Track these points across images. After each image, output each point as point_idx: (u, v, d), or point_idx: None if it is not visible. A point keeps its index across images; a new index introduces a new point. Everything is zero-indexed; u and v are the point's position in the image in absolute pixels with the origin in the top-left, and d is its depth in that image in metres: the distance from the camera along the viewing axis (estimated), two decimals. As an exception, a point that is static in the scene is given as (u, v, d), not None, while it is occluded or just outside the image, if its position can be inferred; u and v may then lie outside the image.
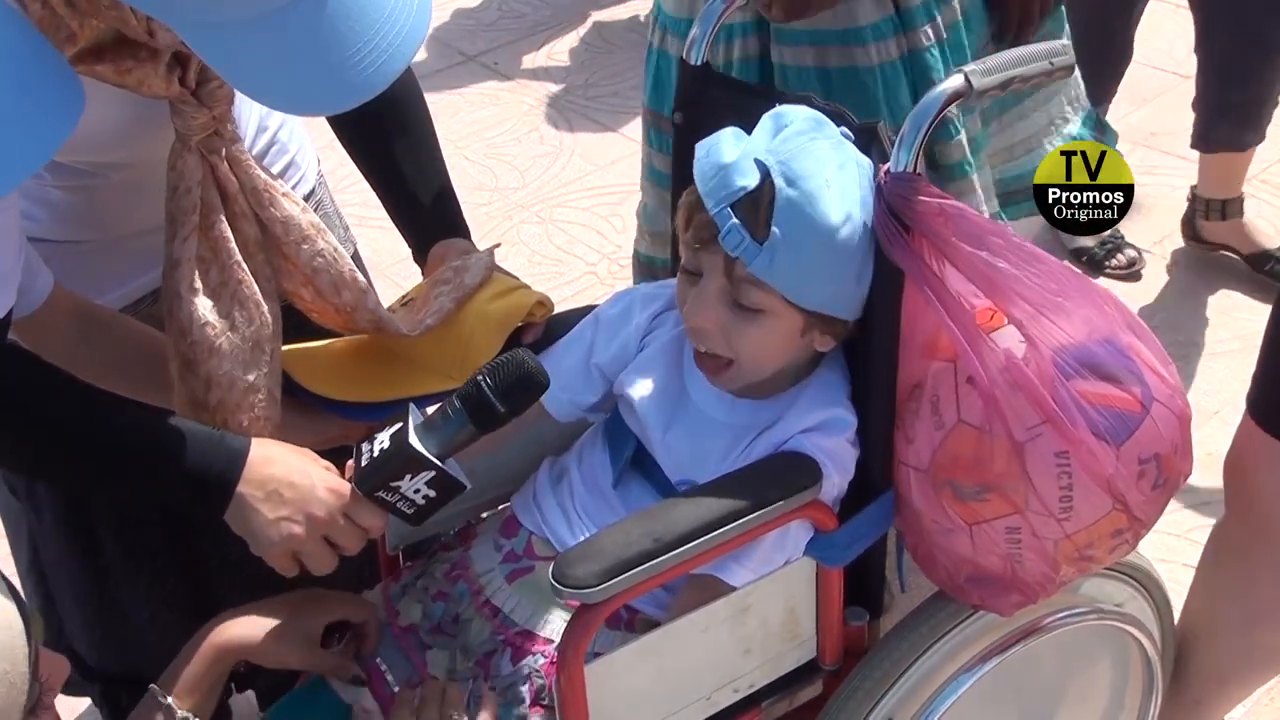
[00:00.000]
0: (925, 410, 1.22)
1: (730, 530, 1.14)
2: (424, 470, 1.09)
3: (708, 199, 1.15)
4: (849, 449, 1.24)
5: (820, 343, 1.21)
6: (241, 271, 1.15)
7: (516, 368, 1.11)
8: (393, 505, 1.11)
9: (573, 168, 3.29)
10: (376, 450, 1.11)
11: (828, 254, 1.13)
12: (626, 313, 1.33)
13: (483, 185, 3.23)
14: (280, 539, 1.10)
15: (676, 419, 1.27)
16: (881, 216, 1.16)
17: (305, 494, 1.11)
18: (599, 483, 1.29)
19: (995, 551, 1.23)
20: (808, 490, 1.19)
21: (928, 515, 1.25)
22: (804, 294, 1.16)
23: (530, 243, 3.02)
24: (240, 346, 1.14)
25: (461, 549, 1.34)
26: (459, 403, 1.10)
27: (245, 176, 1.16)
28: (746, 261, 1.13)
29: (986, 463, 1.18)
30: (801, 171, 1.12)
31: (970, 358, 1.15)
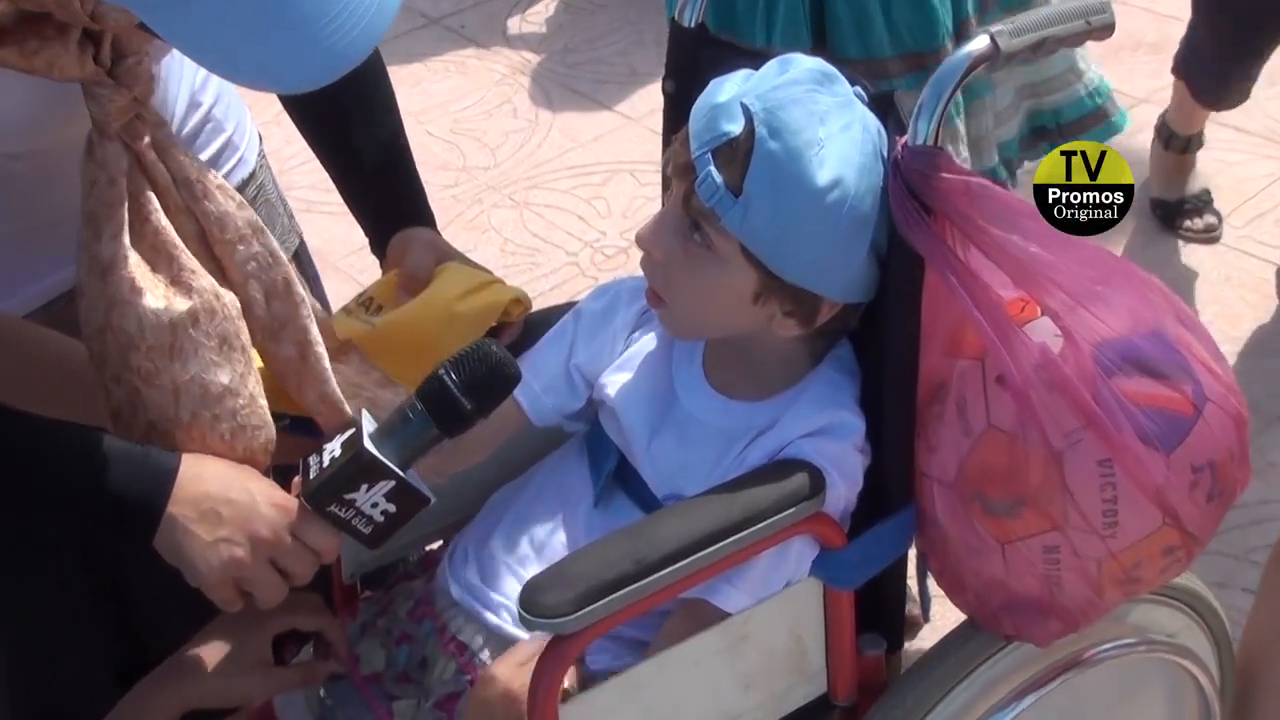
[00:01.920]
0: (950, 414, 1.23)
1: (721, 548, 1.15)
2: (382, 480, 1.09)
3: (693, 140, 1.16)
4: (856, 456, 1.24)
5: (780, 326, 1.21)
6: (191, 262, 1.15)
7: (483, 359, 1.11)
8: (347, 522, 1.11)
9: (550, 145, 3.31)
10: (326, 460, 1.11)
11: (807, 220, 1.14)
12: (610, 308, 1.35)
13: (448, 165, 3.24)
14: (220, 564, 1.10)
15: (663, 425, 1.27)
16: (899, 195, 1.16)
17: (246, 511, 1.10)
18: (576, 501, 1.30)
19: (1031, 573, 1.23)
20: (810, 501, 1.19)
21: (954, 533, 1.26)
22: (779, 259, 1.17)
23: (503, 230, 3.02)
24: (205, 344, 1.14)
25: (424, 579, 1.35)
26: (419, 402, 1.10)
27: (175, 166, 1.15)
28: (720, 214, 1.14)
29: (1020, 473, 1.18)
30: (789, 123, 1.13)
31: (1000, 354, 1.15)
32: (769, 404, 1.27)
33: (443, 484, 1.21)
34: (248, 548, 1.10)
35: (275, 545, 1.12)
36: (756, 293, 1.20)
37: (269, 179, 1.48)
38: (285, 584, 1.14)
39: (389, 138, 1.40)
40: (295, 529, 1.12)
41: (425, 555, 1.42)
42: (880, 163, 1.18)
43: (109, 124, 1.11)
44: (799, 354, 1.27)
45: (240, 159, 1.41)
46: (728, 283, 1.20)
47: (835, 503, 1.23)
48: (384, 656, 1.30)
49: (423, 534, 1.36)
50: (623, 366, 1.32)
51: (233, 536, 1.10)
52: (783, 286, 1.19)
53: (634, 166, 3.23)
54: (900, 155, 1.17)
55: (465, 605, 1.28)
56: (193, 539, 1.09)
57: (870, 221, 1.18)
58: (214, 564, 1.10)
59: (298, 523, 1.12)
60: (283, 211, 1.50)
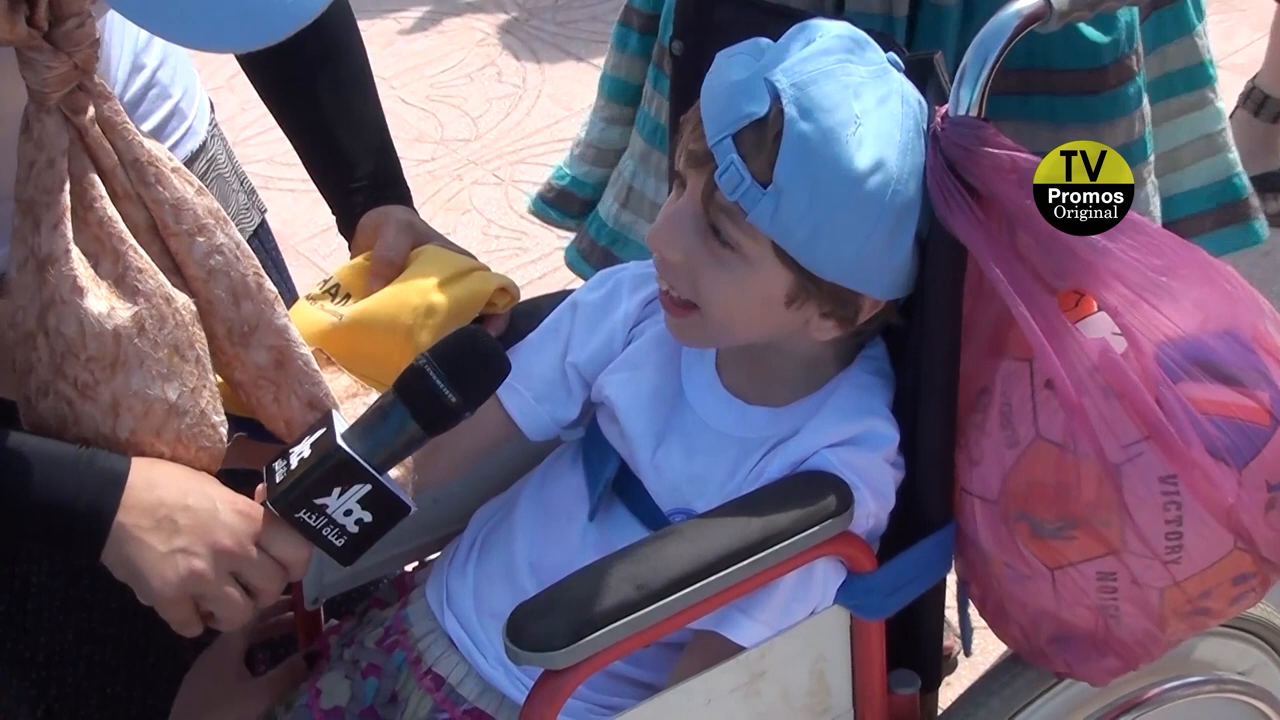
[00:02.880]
0: (993, 423, 1.21)
1: (736, 572, 1.13)
2: (356, 483, 1.08)
3: (709, 125, 1.14)
4: (888, 470, 1.23)
5: (818, 329, 1.20)
6: (140, 259, 1.12)
7: (469, 346, 1.10)
8: (318, 531, 1.10)
9: (540, 113, 3.30)
10: (294, 462, 1.10)
11: (847, 210, 1.13)
12: (610, 299, 1.33)
13: (425, 136, 3.23)
14: (177, 578, 1.08)
15: (671, 431, 1.26)
16: (938, 173, 1.15)
17: (206, 519, 1.09)
18: (570, 516, 1.29)
19: (1084, 603, 1.22)
20: (836, 519, 1.17)
21: (997, 557, 1.25)
22: (816, 258, 1.15)
23: (486, 209, 3.00)
24: (151, 355, 1.11)
25: (398, 606, 1.33)
26: (397, 396, 1.09)
27: (123, 145, 1.13)
28: (746, 209, 1.13)
29: (1072, 490, 1.17)
30: (821, 101, 1.11)
31: (1050, 355, 1.14)
32: (791, 410, 1.26)
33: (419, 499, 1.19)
34: (208, 559, 1.09)
35: (239, 557, 1.10)
36: (791, 295, 1.18)
37: (222, 151, 1.46)
38: (250, 603, 1.12)
39: (360, 101, 1.39)
40: (261, 539, 1.11)
41: (399, 578, 1.40)
42: (923, 139, 1.16)
43: (47, 95, 1.08)
44: (827, 355, 1.26)
45: (189, 129, 1.38)
46: (757, 286, 1.18)
47: (864, 522, 1.21)
48: (348, 689, 1.28)
49: (397, 553, 1.35)
50: (625, 364, 1.30)
51: (191, 547, 1.08)
52: (820, 286, 1.17)
53: None
54: (940, 127, 1.15)
55: (444, 634, 1.27)
56: (146, 551, 1.08)
57: (915, 207, 1.16)
58: (170, 578, 1.08)
59: (264, 532, 1.11)
60: (239, 188, 1.49)
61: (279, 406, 1.19)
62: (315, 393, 1.19)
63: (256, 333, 1.17)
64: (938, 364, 1.23)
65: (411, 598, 1.33)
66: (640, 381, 1.29)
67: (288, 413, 1.19)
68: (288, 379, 1.19)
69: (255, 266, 1.18)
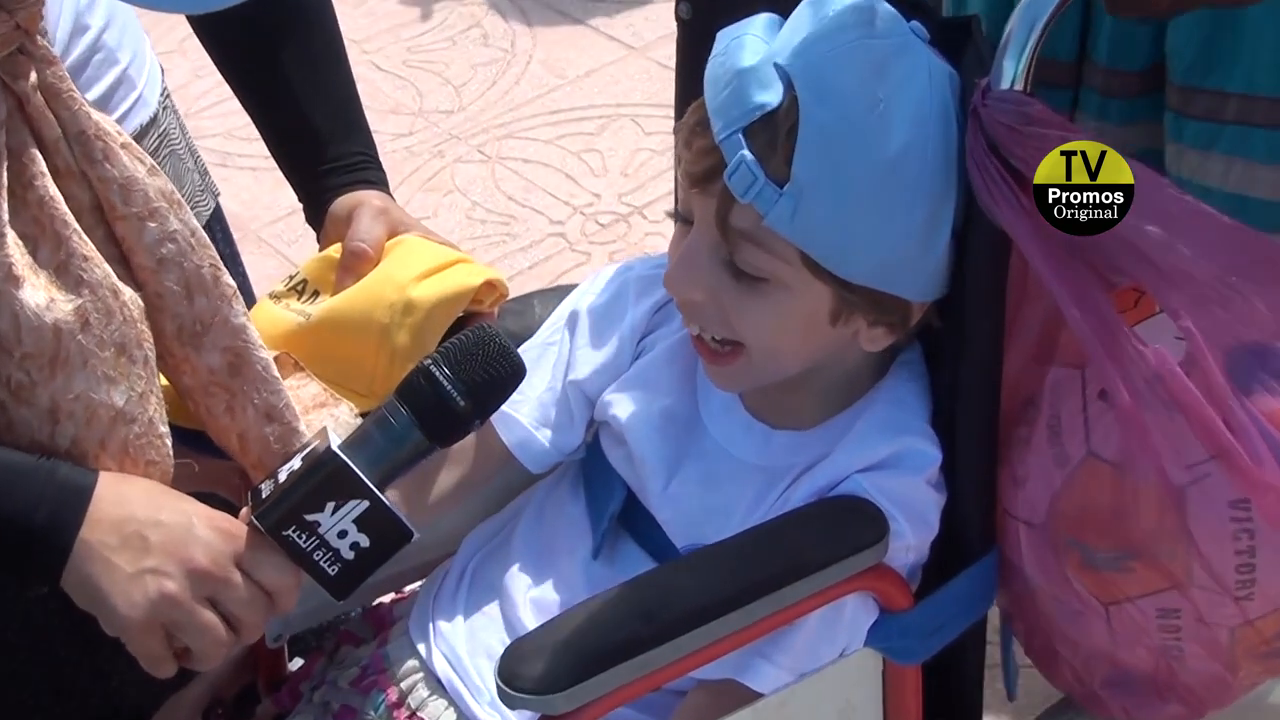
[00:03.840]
0: (1040, 438, 1.20)
1: (756, 609, 1.12)
2: (353, 498, 1.06)
3: (715, 118, 1.13)
4: (930, 494, 1.21)
5: (869, 340, 1.19)
6: (85, 246, 1.10)
7: (481, 345, 1.09)
8: (308, 554, 1.07)
9: (530, 81, 3.25)
10: (283, 476, 1.08)
11: (876, 204, 1.12)
12: (616, 303, 1.31)
13: (401, 108, 3.17)
14: (147, 602, 1.06)
15: (686, 459, 1.25)
16: (979, 155, 1.12)
17: (180, 535, 1.07)
18: (570, 550, 1.28)
19: (1144, 643, 1.21)
20: (868, 550, 1.16)
21: (1045, 589, 1.23)
22: (845, 261, 1.14)
23: (470, 190, 2.95)
24: (97, 354, 1.09)
25: (375, 643, 1.32)
26: (401, 403, 1.08)
27: (68, 115, 1.10)
28: (762, 212, 1.11)
29: (1129, 516, 1.16)
30: (839, 83, 1.10)
31: (1105, 362, 1.12)
32: (821, 431, 1.24)
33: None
34: (182, 581, 1.06)
35: (217, 579, 1.07)
36: (835, 311, 1.17)
37: (175, 124, 1.43)
38: (229, 636, 1.09)
39: (331, 73, 1.38)
40: (244, 561, 1.08)
41: (373, 610, 1.38)
42: (955, 117, 1.14)
43: None
44: (866, 368, 1.25)
45: (139, 99, 1.35)
46: (798, 310, 1.16)
47: (901, 554, 1.19)
48: (319, 733, 1.28)
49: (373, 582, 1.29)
50: (633, 382, 1.29)
51: (163, 567, 1.06)
52: (857, 294, 1.16)
53: (636, 110, 3.17)
54: (981, 103, 1.12)
55: (432, 674, 1.25)
56: (112, 571, 1.06)
57: (951, 195, 1.15)
58: (138, 601, 1.06)
59: (247, 553, 1.08)
60: (193, 166, 1.46)
61: (232, 418, 1.17)
62: (274, 402, 1.17)
63: (210, 332, 1.15)
64: (977, 372, 1.21)
65: (391, 634, 1.31)
66: (651, 402, 1.27)
67: (241, 425, 1.17)
68: (243, 386, 1.16)
69: (212, 257, 1.15)
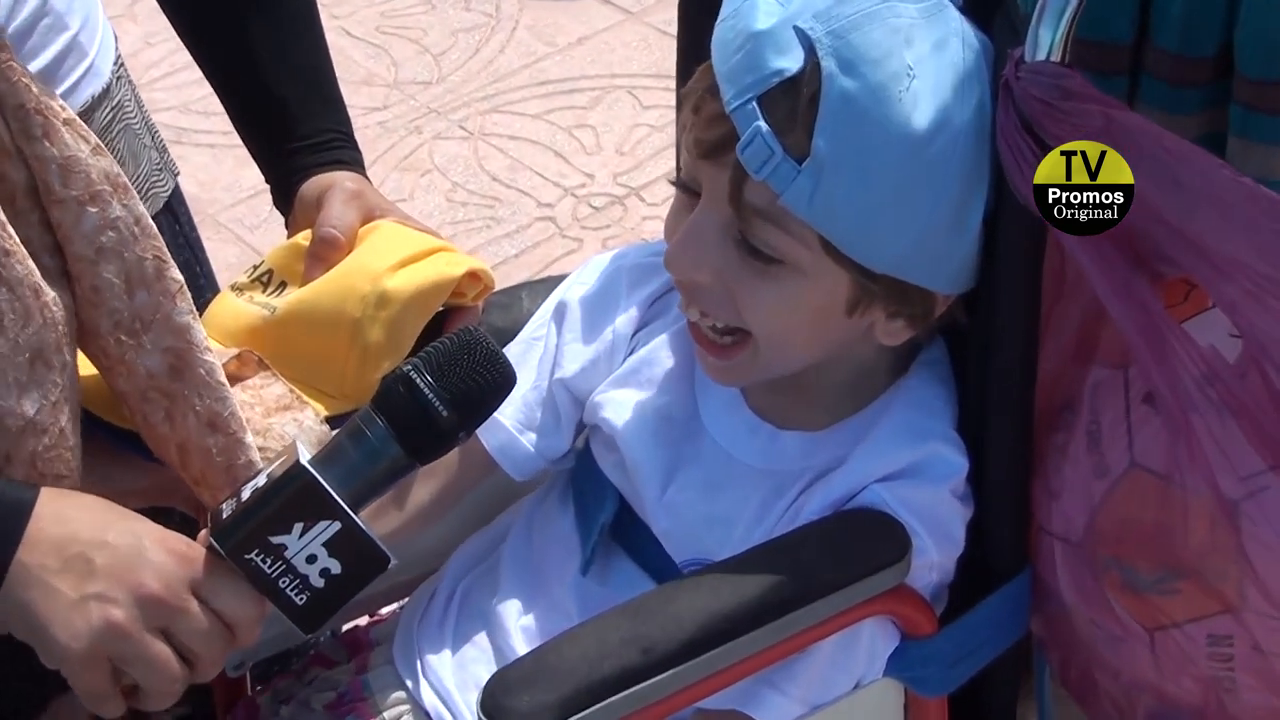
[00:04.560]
0: (1078, 447, 1.18)
1: (764, 635, 1.11)
2: (323, 519, 1.03)
3: (725, 85, 1.11)
4: (955, 507, 1.19)
5: (886, 333, 1.18)
6: (8, 240, 1.08)
7: (467, 349, 1.07)
8: (273, 581, 1.04)
9: (517, 50, 3.21)
10: (247, 494, 1.05)
11: (903, 185, 1.11)
12: (607, 294, 1.30)
13: (375, 79, 3.14)
14: (90, 631, 1.03)
15: (684, 464, 1.24)
16: (1010, 132, 1.10)
17: (128, 558, 1.04)
18: (558, 566, 1.27)
19: (1191, 673, 1.20)
20: (889, 570, 1.15)
21: (1083, 614, 1.22)
22: (867, 246, 1.12)
23: (450, 170, 2.92)
24: (9, 359, 1.07)
25: (352, 668, 1.31)
26: (378, 413, 1.05)
27: (5, 88, 1.08)
28: (778, 190, 1.09)
29: (1177, 532, 1.14)
30: (866, 50, 1.09)
31: (1150, 362, 1.11)
32: (834, 433, 1.22)
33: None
34: (129, 609, 1.03)
35: (170, 608, 1.04)
36: (852, 300, 1.15)
37: (130, 97, 1.40)
38: (183, 672, 1.06)
39: (301, 36, 1.36)
40: (200, 588, 1.05)
41: (348, 634, 1.37)
42: (989, 91, 1.12)
43: None
44: (881, 364, 1.23)
45: (90, 68, 1.32)
46: (813, 298, 1.15)
47: (924, 574, 1.18)
48: (287, 763, 1.29)
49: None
50: (625, 379, 1.27)
51: (108, 592, 1.03)
52: (878, 283, 1.14)
53: (633, 82, 3.14)
54: (1013, 76, 1.10)
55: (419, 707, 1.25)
56: (52, 598, 1.03)
57: (984, 177, 1.13)
58: (81, 631, 1.02)
59: (204, 579, 1.05)
60: (150, 143, 1.43)
61: (171, 426, 1.14)
62: (218, 410, 1.14)
63: (151, 330, 1.13)
64: (1008, 372, 1.20)
65: (371, 660, 1.31)
66: (645, 402, 1.25)
67: (181, 434, 1.14)
68: (184, 391, 1.14)
69: (157, 248, 1.12)
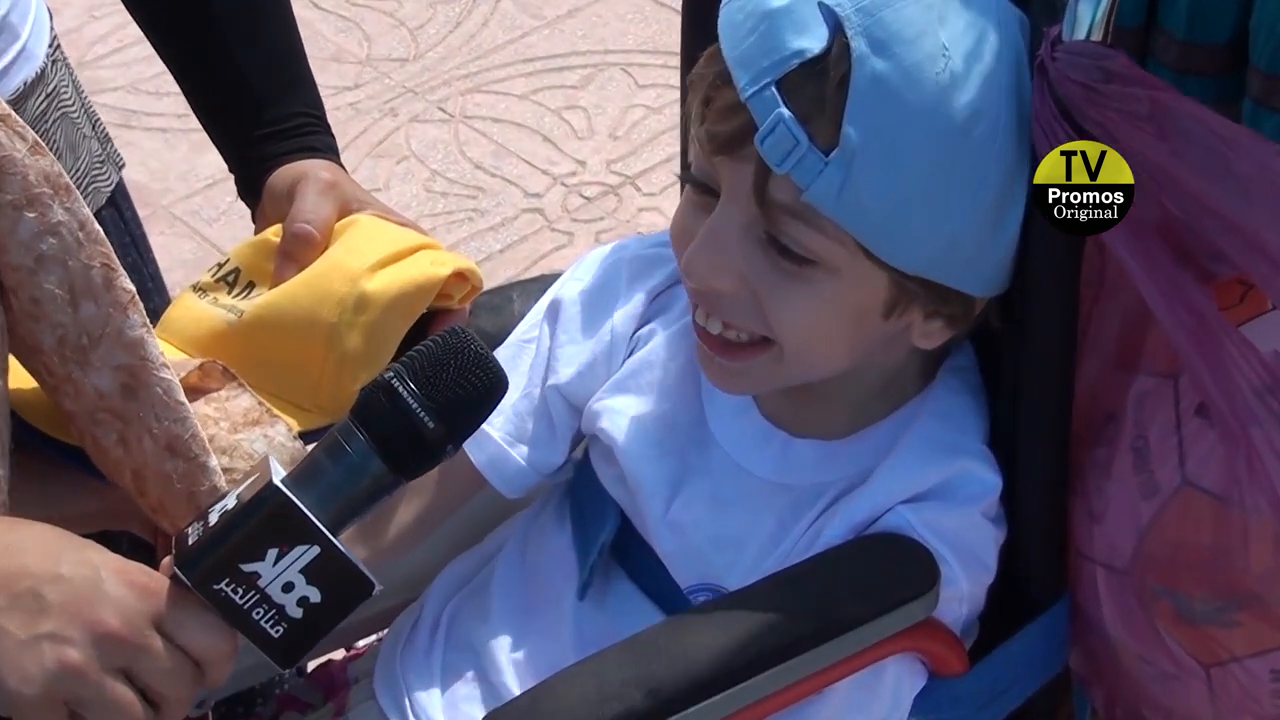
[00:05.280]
0: (1123, 464, 1.18)
1: (779, 676, 1.11)
2: (300, 543, 1.01)
3: (739, 70, 1.09)
4: (987, 530, 1.18)
5: (923, 334, 1.17)
6: None
7: (454, 353, 1.05)
8: (245, 612, 1.02)
9: (500, 23, 3.19)
10: (215, 518, 1.03)
11: (941, 177, 1.10)
12: (605, 290, 1.29)
13: (346, 55, 3.12)
14: (44, 675, 1.01)
15: (691, 477, 1.23)
16: (1046, 119, 1.09)
17: (85, 592, 1.02)
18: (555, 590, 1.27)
19: (1255, 711, 1.19)
20: (916, 602, 1.14)
21: (1130, 648, 1.22)
22: (898, 245, 1.11)
23: (429, 157, 2.90)
24: None
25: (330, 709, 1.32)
26: (358, 426, 1.03)
27: None
28: (802, 184, 1.08)
29: (1235, 557, 1.14)
30: (900, 29, 1.07)
31: (1203, 371, 1.09)
32: (854, 444, 1.21)
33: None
34: (86, 649, 1.01)
35: (131, 645, 1.01)
36: (890, 302, 1.13)
37: (68, 81, 1.39)
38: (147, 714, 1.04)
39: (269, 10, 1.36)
40: (164, 622, 1.02)
41: (319, 670, 1.37)
42: (1028, 73, 1.11)
43: None
44: (910, 368, 1.22)
45: (21, 51, 1.32)
46: (849, 300, 1.13)
47: (954, 606, 1.17)
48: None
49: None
50: (625, 384, 1.26)
51: (63, 631, 1.01)
52: (920, 284, 1.12)
53: (628, 58, 3.14)
54: (1049, 56, 1.09)
55: None
56: (0, 638, 1.01)
57: (1025, 165, 1.11)
58: (33, 674, 1.00)
59: (168, 612, 1.02)
60: (91, 132, 1.42)
61: (126, 450, 1.12)
62: (178, 432, 1.11)
63: (100, 346, 1.10)
64: (1043, 380, 1.19)
65: (351, 700, 1.30)
66: (647, 408, 1.25)
67: (138, 459, 1.12)
68: (139, 413, 1.11)
69: (105, 255, 1.10)
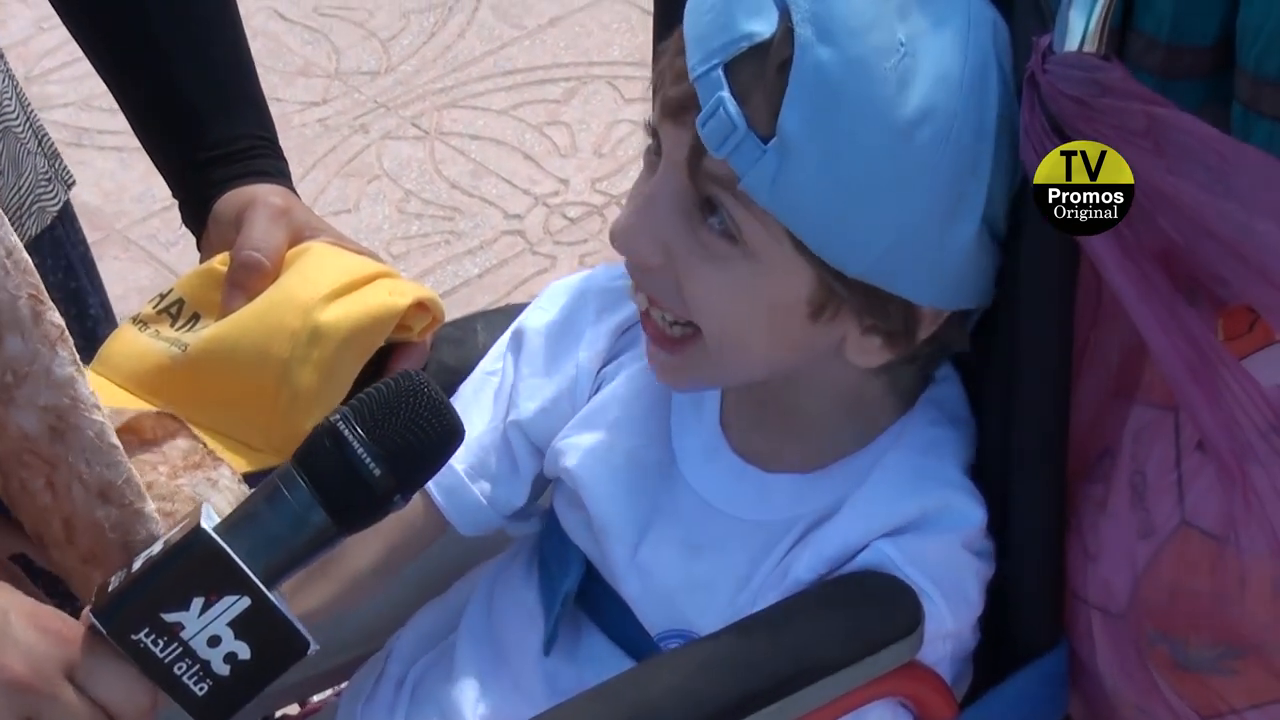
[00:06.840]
0: (1120, 501, 1.17)
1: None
2: (229, 592, 0.99)
3: (691, 47, 1.11)
4: (970, 563, 1.18)
5: (859, 350, 1.16)
6: None
7: (406, 397, 1.03)
8: (166, 666, 0.99)
9: (478, 34, 3.20)
10: (139, 564, 1.01)
11: (882, 177, 1.09)
12: (571, 322, 1.29)
13: (313, 68, 3.13)
14: None
15: (659, 517, 1.23)
16: (1038, 135, 1.07)
17: None
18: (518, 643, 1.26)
19: None
20: (900, 644, 1.13)
21: (1127, 697, 1.21)
22: (833, 242, 1.10)
23: (403, 177, 2.90)
24: None
25: None
26: (299, 471, 1.02)
27: None
28: (739, 171, 1.08)
29: (1235, 602, 1.12)
30: (848, 18, 1.07)
31: (1202, 405, 1.09)
32: (828, 476, 1.20)
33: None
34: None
35: (39, 695, 1.00)
36: (816, 303, 1.12)
37: (10, 94, 1.39)
38: None
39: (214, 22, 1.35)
40: (77, 671, 1.01)
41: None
42: (1000, 80, 1.11)
43: None
44: (874, 391, 1.20)
45: None
46: (769, 291, 1.12)
47: (938, 645, 1.16)
48: None
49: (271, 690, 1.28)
50: (591, 421, 1.26)
51: None
52: (850, 287, 1.12)
53: (613, 71, 3.15)
54: (1040, 69, 1.08)
55: None
56: None
57: (984, 177, 1.10)
58: None
59: (82, 660, 1.01)
60: (36, 149, 1.41)
61: (53, 496, 1.10)
62: (110, 478, 1.09)
63: (25, 384, 1.08)
64: (1035, 412, 1.18)
65: None
66: (613, 447, 1.24)
67: (66, 507, 1.10)
68: (68, 456, 1.09)
69: (33, 286, 1.08)
